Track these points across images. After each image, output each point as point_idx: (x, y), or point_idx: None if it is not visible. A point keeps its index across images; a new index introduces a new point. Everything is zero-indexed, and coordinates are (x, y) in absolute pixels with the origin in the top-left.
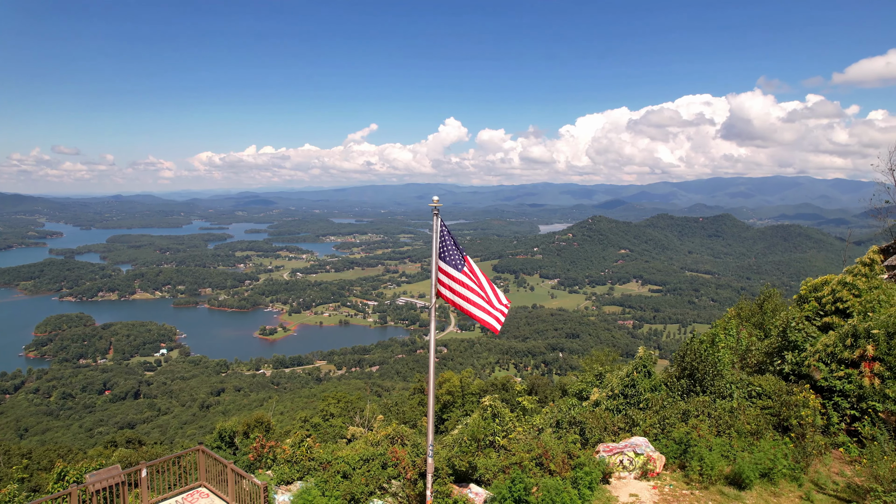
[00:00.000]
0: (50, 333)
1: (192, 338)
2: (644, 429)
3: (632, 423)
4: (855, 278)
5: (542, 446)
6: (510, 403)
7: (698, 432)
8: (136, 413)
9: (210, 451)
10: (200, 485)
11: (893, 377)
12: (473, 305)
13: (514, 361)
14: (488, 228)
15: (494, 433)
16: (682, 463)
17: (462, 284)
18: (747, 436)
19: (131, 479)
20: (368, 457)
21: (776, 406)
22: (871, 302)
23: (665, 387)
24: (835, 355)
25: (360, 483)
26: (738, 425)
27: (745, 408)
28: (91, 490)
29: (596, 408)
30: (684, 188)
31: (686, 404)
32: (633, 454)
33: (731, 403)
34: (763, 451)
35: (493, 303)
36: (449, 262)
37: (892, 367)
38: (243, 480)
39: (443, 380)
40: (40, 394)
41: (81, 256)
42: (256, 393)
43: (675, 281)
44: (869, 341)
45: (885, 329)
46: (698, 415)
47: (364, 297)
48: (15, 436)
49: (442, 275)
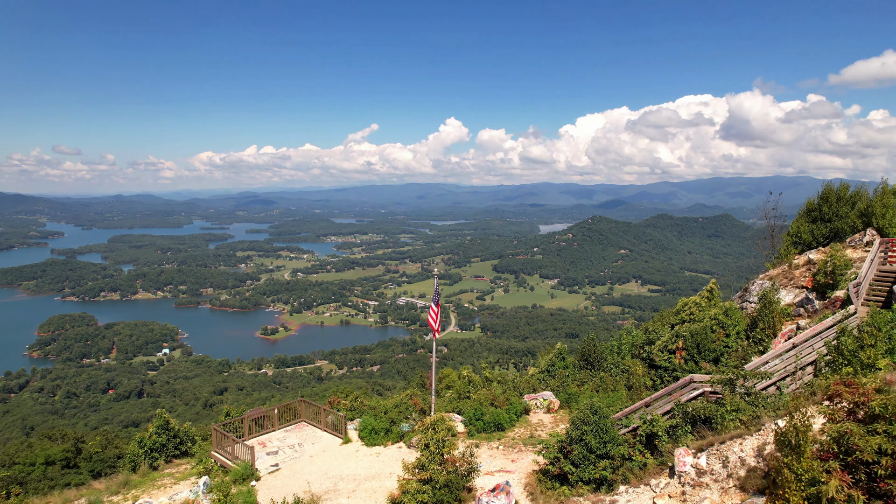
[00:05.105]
0: (53, 333)
1: (194, 337)
2: (552, 387)
3: (546, 384)
4: (700, 300)
5: (492, 393)
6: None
7: (579, 388)
8: (140, 412)
9: (308, 400)
10: (302, 420)
11: (691, 359)
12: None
13: (514, 361)
14: (488, 228)
15: (469, 391)
16: (568, 404)
17: (434, 312)
18: (610, 391)
19: (269, 414)
20: (398, 402)
21: (625, 376)
22: (703, 315)
23: (572, 366)
24: (666, 346)
25: (394, 414)
26: (605, 386)
27: (615, 376)
28: (248, 419)
29: (531, 377)
30: (684, 188)
31: (581, 375)
32: (542, 400)
33: (605, 374)
34: (611, 397)
35: (439, 322)
36: (435, 302)
37: (691, 354)
38: (329, 416)
39: (442, 375)
40: (45, 393)
41: (83, 256)
42: (259, 392)
43: (675, 281)
44: (680, 339)
45: (689, 332)
46: (586, 381)
47: (365, 297)
48: (21, 434)
49: (431, 311)
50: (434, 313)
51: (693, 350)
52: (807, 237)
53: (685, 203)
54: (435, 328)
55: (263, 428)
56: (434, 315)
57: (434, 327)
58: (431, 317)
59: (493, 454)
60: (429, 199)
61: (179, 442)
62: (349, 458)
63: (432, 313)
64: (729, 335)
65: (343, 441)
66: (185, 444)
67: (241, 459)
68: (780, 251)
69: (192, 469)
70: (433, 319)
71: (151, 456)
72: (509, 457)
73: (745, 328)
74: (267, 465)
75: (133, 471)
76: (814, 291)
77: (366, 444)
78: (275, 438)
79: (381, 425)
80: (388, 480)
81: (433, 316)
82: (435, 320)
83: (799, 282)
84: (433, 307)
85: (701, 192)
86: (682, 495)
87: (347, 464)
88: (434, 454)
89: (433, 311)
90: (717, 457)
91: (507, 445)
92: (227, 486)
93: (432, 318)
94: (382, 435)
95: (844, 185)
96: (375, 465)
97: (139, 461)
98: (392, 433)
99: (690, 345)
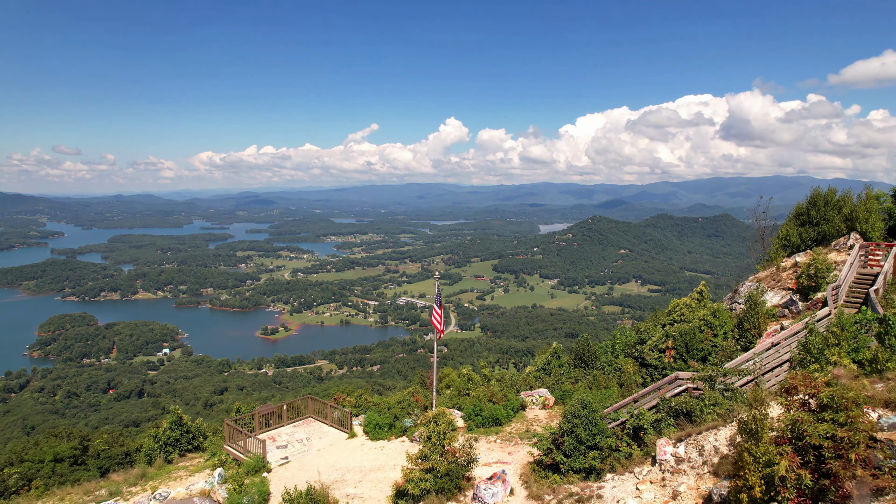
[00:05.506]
0: (53, 333)
1: (194, 337)
2: (548, 384)
3: (542, 382)
4: (690, 301)
5: (490, 390)
6: (481, 374)
7: (573, 386)
8: (141, 412)
9: (315, 397)
10: (309, 416)
11: (680, 358)
12: (440, 324)
13: (514, 361)
14: (488, 228)
15: (468, 388)
16: (562, 401)
17: (438, 314)
18: (602, 388)
19: (278, 411)
20: (400, 399)
21: (618, 374)
22: (693, 316)
23: (567, 364)
24: (657, 346)
25: (397, 410)
26: (598, 383)
27: (608, 374)
28: (259, 415)
29: (528, 375)
30: (684, 188)
31: (575, 373)
32: (538, 396)
33: (598, 372)
34: (603, 393)
35: (443, 323)
36: (438, 304)
37: (680, 353)
38: (335, 411)
39: (442, 375)
40: (45, 392)
41: (83, 256)
42: (259, 392)
43: (675, 281)
44: (670, 339)
45: (678, 332)
46: (580, 379)
47: (365, 297)
48: (22, 433)
49: (435, 312)
50: (438, 315)
51: (682, 349)
52: (795, 240)
53: (685, 203)
54: (441, 329)
55: (272, 424)
56: (438, 316)
57: (440, 328)
58: (436, 318)
59: (491, 447)
60: (429, 199)
61: (192, 437)
62: (355, 451)
63: (436, 314)
64: (717, 335)
65: (349, 436)
66: (198, 440)
67: (253, 453)
68: (770, 254)
69: (206, 462)
70: (438, 321)
71: (166, 450)
72: (506, 449)
73: (733, 328)
74: (277, 458)
75: (149, 464)
76: (798, 293)
77: (370, 439)
78: (284, 433)
79: (385, 420)
80: (392, 471)
81: (437, 317)
82: (440, 321)
83: (785, 284)
84: (436, 309)
85: (701, 192)
86: (662, 481)
87: (353, 456)
88: (436, 445)
89: (437, 313)
90: (694, 446)
91: (504, 439)
92: (241, 477)
93: (437, 320)
94: (386, 430)
95: (832, 189)
96: (380, 457)
97: (154, 455)
98: (395, 428)
99: (679, 344)
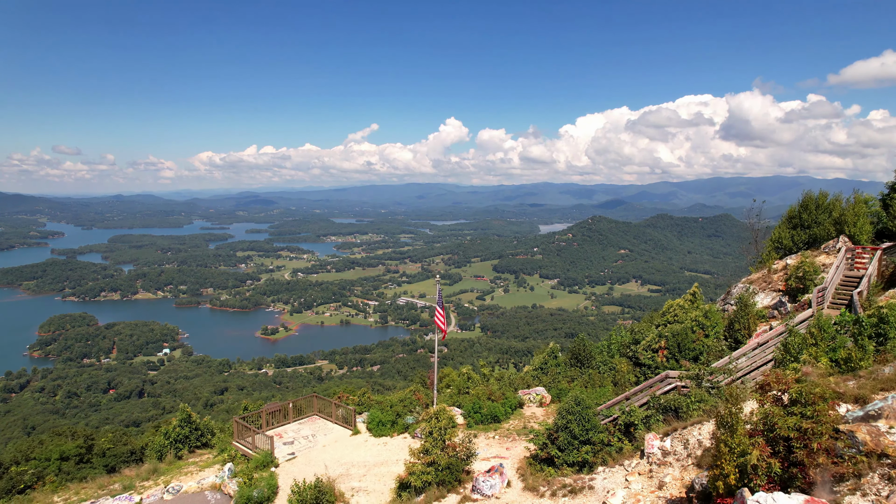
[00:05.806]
0: (53, 333)
1: (194, 337)
2: (544, 383)
3: (539, 380)
4: (683, 302)
5: (489, 389)
6: (480, 373)
7: (569, 384)
8: (141, 411)
9: (320, 395)
10: (314, 414)
11: (673, 357)
12: (443, 325)
13: (514, 361)
14: (488, 228)
15: (468, 387)
16: (559, 399)
17: (441, 315)
18: (597, 387)
19: (284, 408)
20: (402, 397)
21: (612, 373)
22: (686, 317)
23: (563, 364)
24: (650, 346)
25: (399, 408)
26: (593, 382)
27: (603, 373)
28: (266, 413)
29: (526, 374)
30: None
31: (571, 372)
32: (535, 395)
33: (594, 371)
34: (598, 392)
35: (446, 323)
36: (440, 305)
37: (673, 352)
38: (339, 409)
39: (442, 374)
40: (46, 392)
41: (83, 256)
42: (259, 392)
43: (675, 281)
44: (663, 339)
45: (671, 333)
46: (576, 378)
47: (365, 297)
48: (22, 433)
49: (438, 313)
50: (441, 316)
51: (674, 349)
52: (787, 243)
53: (685, 203)
54: (445, 329)
55: (279, 421)
56: (441, 317)
57: (444, 329)
58: (439, 318)
59: (489, 443)
60: (429, 199)
61: (200, 434)
62: (359, 447)
63: (439, 315)
64: (708, 335)
65: (353, 432)
66: (206, 437)
67: (262, 448)
68: (763, 256)
69: (215, 458)
70: (441, 322)
71: (176, 446)
72: (504, 445)
73: (724, 329)
74: (284, 453)
75: (160, 460)
76: (787, 295)
77: (373, 435)
78: (290, 430)
79: (388, 418)
80: (394, 466)
81: (440, 318)
82: (443, 322)
83: (776, 285)
84: (439, 310)
85: (701, 192)
86: (649, 473)
87: (358, 452)
88: (437, 440)
89: (440, 314)
90: (679, 440)
91: (502, 435)
92: (250, 472)
93: (440, 321)
94: (389, 427)
95: (823, 193)
96: (383, 453)
97: (165, 451)
98: (397, 425)
99: (672, 344)
